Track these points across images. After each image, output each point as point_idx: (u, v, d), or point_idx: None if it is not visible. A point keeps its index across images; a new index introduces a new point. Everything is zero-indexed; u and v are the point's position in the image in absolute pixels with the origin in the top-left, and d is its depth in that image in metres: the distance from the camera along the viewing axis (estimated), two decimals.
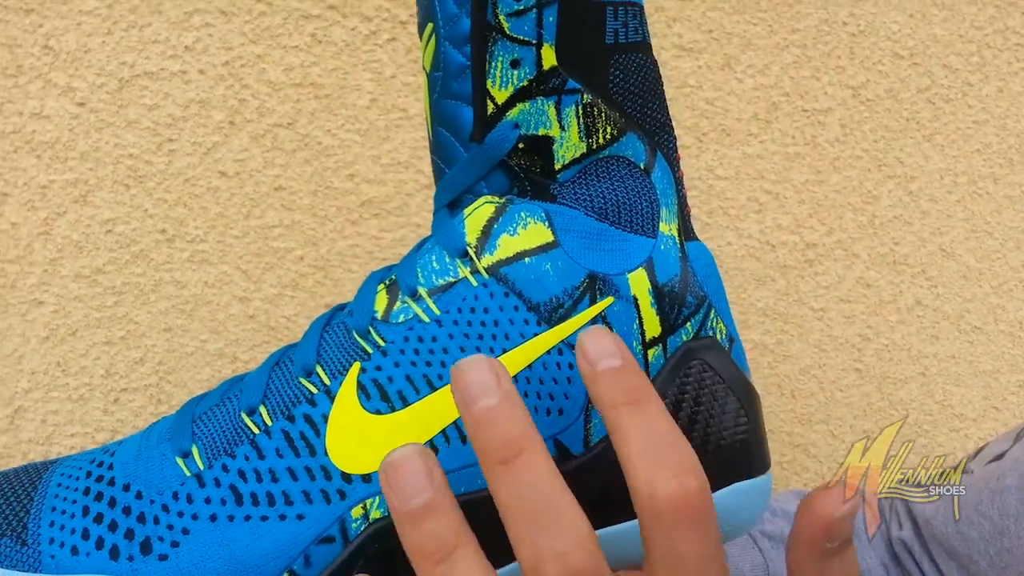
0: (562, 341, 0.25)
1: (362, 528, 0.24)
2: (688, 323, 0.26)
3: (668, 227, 0.26)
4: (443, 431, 0.24)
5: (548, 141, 0.25)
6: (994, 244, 0.74)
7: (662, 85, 0.27)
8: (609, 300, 0.25)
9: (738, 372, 0.27)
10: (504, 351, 0.25)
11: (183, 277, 0.58)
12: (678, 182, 0.27)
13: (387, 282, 0.26)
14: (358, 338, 0.25)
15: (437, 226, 0.26)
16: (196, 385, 0.59)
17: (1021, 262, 0.75)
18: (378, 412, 0.24)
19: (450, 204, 0.26)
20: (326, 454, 0.24)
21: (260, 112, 0.57)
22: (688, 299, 0.26)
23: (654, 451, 0.21)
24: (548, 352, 0.25)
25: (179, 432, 0.25)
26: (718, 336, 0.27)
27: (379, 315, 0.25)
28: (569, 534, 0.20)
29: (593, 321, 0.25)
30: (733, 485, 0.26)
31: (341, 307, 0.27)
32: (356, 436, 0.24)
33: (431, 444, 0.24)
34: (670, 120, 0.27)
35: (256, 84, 0.57)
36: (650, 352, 0.25)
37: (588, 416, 0.25)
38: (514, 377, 0.24)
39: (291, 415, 0.24)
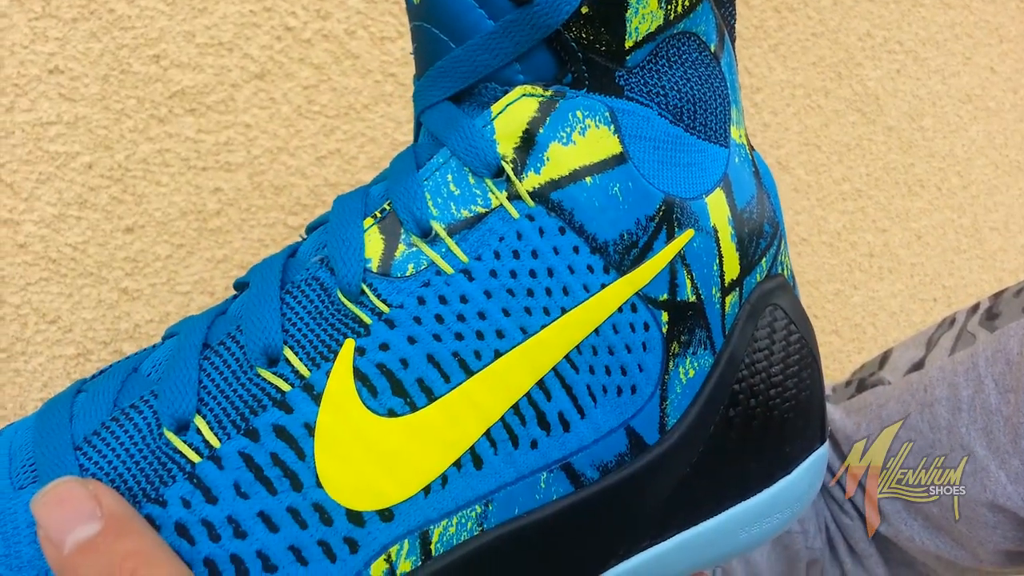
0: (636, 293, 0.18)
1: None
2: (763, 259, 0.20)
3: (738, 132, 0.20)
4: (487, 432, 0.17)
5: (621, 5, 0.17)
6: (821, 157, 0.75)
7: None
8: (689, 234, 0.18)
9: (805, 315, 0.21)
10: (563, 311, 0.17)
11: None
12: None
13: (377, 214, 0.17)
14: (346, 302, 0.16)
15: (444, 128, 0.18)
16: None
17: (842, 175, 0.77)
18: (391, 413, 0.16)
19: (455, 96, 0.18)
20: (319, 485, 0.15)
21: None
22: (765, 228, 0.20)
23: None
24: (620, 310, 0.18)
25: (54, 468, 0.15)
26: (785, 272, 0.21)
27: (374, 266, 0.17)
28: None
29: (671, 263, 0.18)
30: (813, 454, 0.21)
31: (292, 251, 0.18)
32: (362, 452, 0.16)
33: (472, 453, 0.16)
34: None
35: None
36: (727, 300, 0.19)
37: (664, 391, 0.18)
38: (577, 346, 0.17)
39: (252, 429, 0.15)
